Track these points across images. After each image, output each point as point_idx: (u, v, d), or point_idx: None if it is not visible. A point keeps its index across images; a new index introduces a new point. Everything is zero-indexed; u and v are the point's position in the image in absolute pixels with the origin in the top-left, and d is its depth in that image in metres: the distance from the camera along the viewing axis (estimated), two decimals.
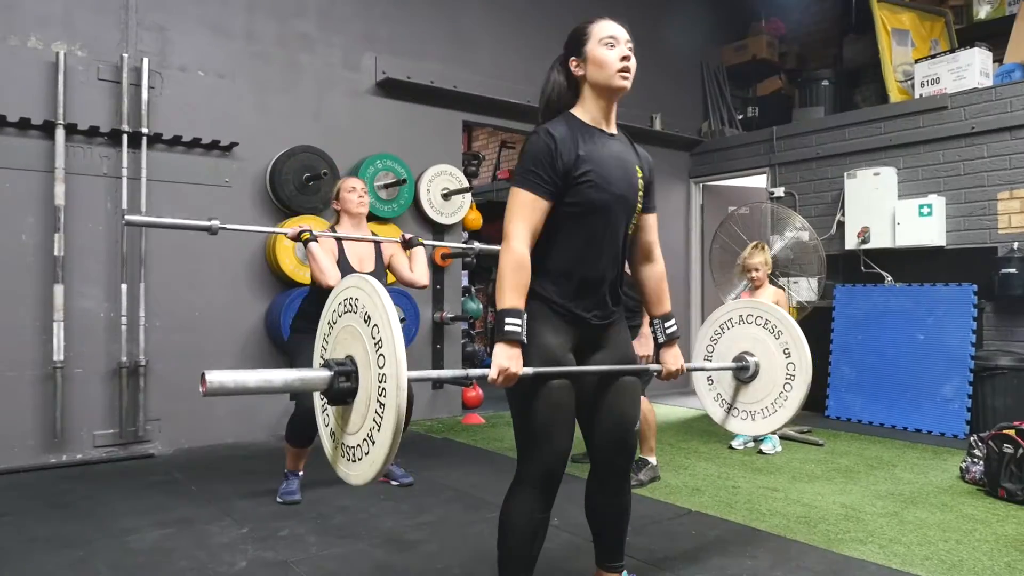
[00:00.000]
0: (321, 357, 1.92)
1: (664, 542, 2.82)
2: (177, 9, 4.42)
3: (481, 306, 8.01)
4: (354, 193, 3.43)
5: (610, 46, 1.92)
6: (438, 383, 5.49)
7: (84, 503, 3.28)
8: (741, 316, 2.76)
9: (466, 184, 5.54)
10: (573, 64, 1.97)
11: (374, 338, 1.67)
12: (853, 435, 4.95)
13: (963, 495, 3.48)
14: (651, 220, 2.14)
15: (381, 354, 1.64)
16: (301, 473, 3.38)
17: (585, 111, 1.98)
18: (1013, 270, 4.85)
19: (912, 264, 5.47)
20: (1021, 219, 4.99)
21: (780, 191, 6.34)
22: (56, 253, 3.92)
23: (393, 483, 3.59)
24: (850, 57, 6.82)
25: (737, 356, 2.73)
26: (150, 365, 4.23)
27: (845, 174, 5.79)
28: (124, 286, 4.14)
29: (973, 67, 5.32)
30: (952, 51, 5.54)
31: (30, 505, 3.26)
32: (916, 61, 5.74)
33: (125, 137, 4.12)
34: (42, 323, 3.94)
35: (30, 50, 3.96)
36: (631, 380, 2.07)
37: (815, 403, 5.78)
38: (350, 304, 1.81)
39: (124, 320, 4.13)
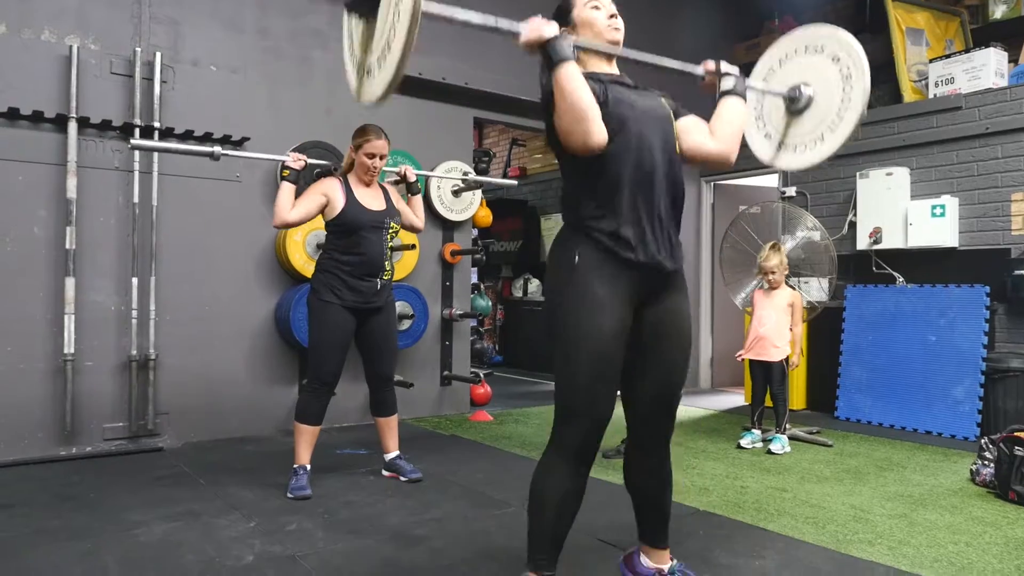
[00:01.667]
0: None
1: (672, 542, 2.80)
2: (190, 4, 4.43)
3: (490, 303, 8.01)
4: (373, 160, 3.43)
5: (595, 7, 1.97)
6: (447, 380, 5.49)
7: (92, 495, 3.30)
8: (797, 48, 2.67)
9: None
10: (565, 32, 1.95)
11: None
12: (863, 436, 4.92)
13: (973, 497, 3.46)
14: (689, 121, 2.07)
15: None
16: (309, 467, 3.39)
17: (589, 69, 1.97)
18: None
19: (924, 265, 5.43)
20: None
21: (791, 190, 6.30)
22: (68, 246, 3.94)
23: (402, 479, 3.59)
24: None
25: (792, 87, 2.65)
26: (160, 359, 4.24)
27: (857, 174, 5.76)
28: (135, 279, 4.15)
29: (988, 67, 5.27)
30: (967, 51, 5.49)
31: (39, 497, 3.28)
32: (930, 61, 5.70)
33: (137, 131, 4.13)
34: (53, 316, 3.96)
35: (43, 43, 3.98)
36: (685, 339, 1.99)
37: (825, 404, 5.76)
38: None
39: (135, 313, 4.14)
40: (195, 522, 2.94)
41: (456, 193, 5.44)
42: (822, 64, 2.61)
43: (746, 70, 7.46)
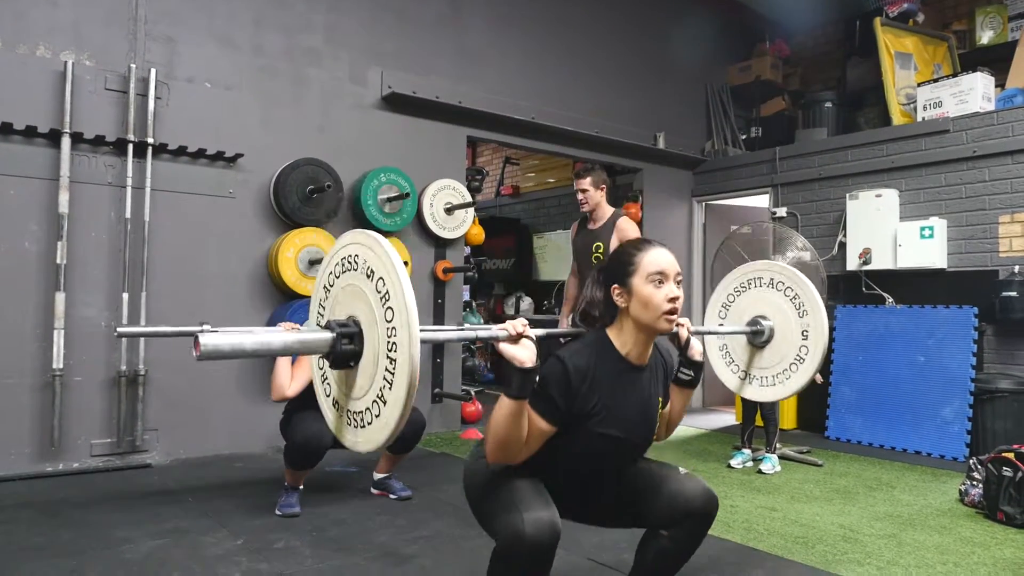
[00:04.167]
0: (319, 321, 1.82)
1: None
2: (186, 21, 4.46)
3: (482, 321, 8.01)
4: None
5: (658, 283, 1.80)
6: (438, 397, 5.48)
7: (78, 512, 3.27)
8: (753, 280, 2.73)
9: (469, 199, 5.56)
10: (615, 291, 1.85)
11: (379, 292, 1.59)
12: (852, 456, 4.93)
13: (962, 518, 3.46)
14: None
15: (389, 307, 1.55)
16: (301, 487, 3.37)
17: (622, 341, 1.88)
18: (1014, 293, 4.85)
19: (913, 286, 5.47)
20: (1022, 243, 5.00)
21: (782, 211, 6.36)
22: (58, 261, 3.93)
23: (392, 497, 3.58)
24: (853, 79, 6.86)
25: (751, 320, 2.68)
26: (149, 374, 4.23)
27: (847, 195, 5.81)
28: (125, 295, 4.14)
29: (975, 91, 5.35)
30: (955, 75, 5.57)
31: (24, 514, 3.25)
32: (919, 84, 5.77)
33: (130, 147, 4.14)
34: (43, 331, 3.95)
35: (38, 59, 3.99)
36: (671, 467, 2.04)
37: (815, 423, 5.77)
38: (349, 262, 1.71)
39: None
40: (182, 539, 2.92)
41: (449, 211, 5.46)
42: (776, 298, 2.70)
43: (736, 92, 7.41)
